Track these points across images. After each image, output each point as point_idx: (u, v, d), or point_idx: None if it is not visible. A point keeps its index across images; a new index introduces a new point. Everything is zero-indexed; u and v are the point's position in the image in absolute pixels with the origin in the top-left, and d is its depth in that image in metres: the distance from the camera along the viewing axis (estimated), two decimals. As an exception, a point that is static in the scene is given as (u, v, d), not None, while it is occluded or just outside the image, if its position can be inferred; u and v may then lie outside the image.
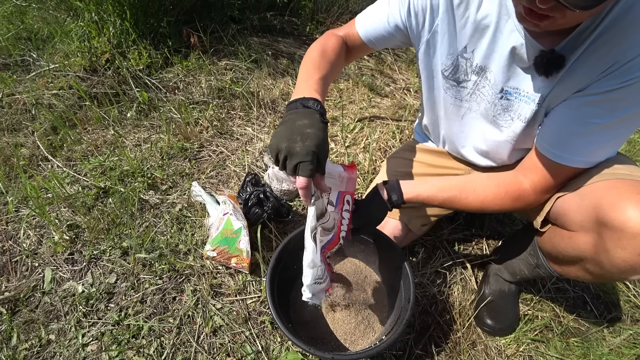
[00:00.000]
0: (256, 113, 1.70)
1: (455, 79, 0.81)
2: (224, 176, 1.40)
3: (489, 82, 0.77)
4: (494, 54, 0.73)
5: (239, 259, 1.03)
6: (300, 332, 0.88)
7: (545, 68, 0.66)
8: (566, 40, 0.63)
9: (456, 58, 0.78)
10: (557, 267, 0.82)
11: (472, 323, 1.01)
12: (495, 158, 0.91)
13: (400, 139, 1.62)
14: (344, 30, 0.88)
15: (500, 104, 0.78)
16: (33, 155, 1.41)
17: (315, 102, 0.64)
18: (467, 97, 0.83)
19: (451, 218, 1.26)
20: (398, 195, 0.79)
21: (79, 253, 1.11)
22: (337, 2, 2.56)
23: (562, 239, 0.74)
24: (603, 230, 0.62)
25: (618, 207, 0.60)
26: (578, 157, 0.68)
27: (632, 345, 0.98)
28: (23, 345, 0.91)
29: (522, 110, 0.75)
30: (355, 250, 1.01)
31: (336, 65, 0.80)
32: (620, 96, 0.60)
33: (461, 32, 0.74)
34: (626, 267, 0.61)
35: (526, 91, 0.73)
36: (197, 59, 1.91)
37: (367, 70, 2.11)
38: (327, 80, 0.74)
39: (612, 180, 0.66)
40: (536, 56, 0.66)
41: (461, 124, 0.89)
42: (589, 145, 0.67)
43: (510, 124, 0.79)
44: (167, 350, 0.91)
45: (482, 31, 0.72)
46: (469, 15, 0.71)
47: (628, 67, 0.58)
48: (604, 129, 0.64)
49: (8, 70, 1.82)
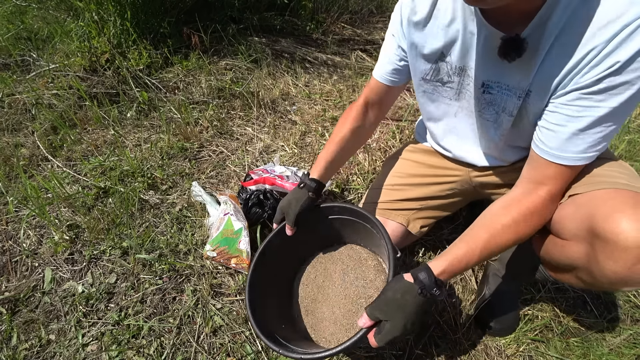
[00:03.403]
0: (256, 113, 1.70)
1: (439, 79, 0.83)
2: (224, 176, 1.40)
3: (471, 78, 0.78)
4: (468, 53, 0.75)
5: (239, 260, 1.03)
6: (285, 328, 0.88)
7: (504, 51, 0.66)
8: (529, 28, 0.63)
9: (435, 62, 0.81)
10: (552, 273, 0.82)
11: (472, 323, 1.01)
12: (491, 156, 0.91)
13: (400, 139, 1.62)
14: (363, 93, 0.98)
15: (484, 98, 0.79)
16: (33, 155, 1.41)
17: (304, 176, 0.92)
18: (455, 96, 0.84)
19: (451, 218, 1.26)
20: (426, 272, 0.69)
21: (79, 253, 1.11)
22: (337, 2, 2.56)
23: (556, 247, 0.74)
24: (595, 241, 0.62)
25: (611, 219, 0.59)
26: (584, 153, 0.67)
27: (632, 345, 0.98)
28: (23, 345, 0.91)
29: (506, 104, 0.76)
30: (349, 233, 0.99)
31: (350, 135, 0.96)
32: (610, 83, 0.59)
33: (434, 43, 0.78)
34: (616, 279, 0.60)
35: (506, 84, 0.73)
36: (197, 59, 1.92)
37: (367, 70, 2.11)
38: (331, 153, 0.94)
39: (609, 190, 0.65)
40: (500, 39, 0.67)
41: (455, 122, 0.90)
42: (592, 139, 0.66)
43: (496, 117, 0.80)
44: (167, 350, 0.91)
45: (453, 36, 0.74)
46: (438, 26, 0.75)
47: (607, 51, 0.57)
48: (603, 119, 0.63)
49: (8, 70, 1.82)
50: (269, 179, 1.16)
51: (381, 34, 2.52)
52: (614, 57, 0.57)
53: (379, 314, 0.69)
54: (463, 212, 1.29)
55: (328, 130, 1.66)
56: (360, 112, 0.97)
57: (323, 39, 2.39)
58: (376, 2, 2.77)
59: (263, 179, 1.17)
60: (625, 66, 0.57)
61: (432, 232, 1.21)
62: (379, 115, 1.01)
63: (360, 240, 1.00)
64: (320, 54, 2.21)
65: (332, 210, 0.94)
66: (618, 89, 0.59)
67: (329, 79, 2.05)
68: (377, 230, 0.84)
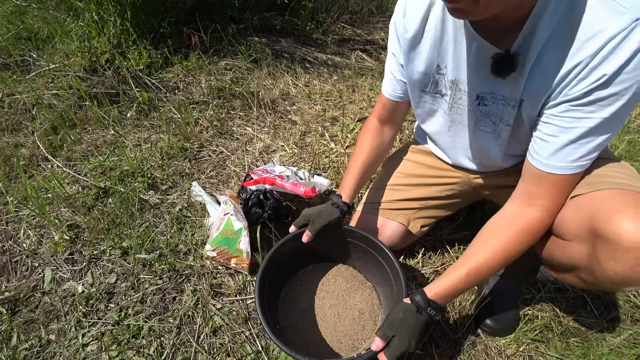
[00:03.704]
0: (256, 113, 1.70)
1: (438, 91, 0.84)
2: (224, 176, 1.40)
3: (464, 92, 0.78)
4: (460, 66, 0.75)
5: (238, 260, 1.03)
6: (289, 336, 0.89)
7: (498, 69, 0.67)
8: (518, 40, 0.63)
9: (432, 76, 0.81)
10: (553, 273, 0.82)
11: (472, 323, 1.01)
12: (489, 165, 0.92)
13: (400, 139, 1.62)
14: (375, 112, 1.00)
15: (480, 111, 0.79)
16: (33, 155, 1.41)
17: (337, 197, 0.94)
18: (447, 110, 0.85)
19: (451, 218, 1.26)
20: (421, 295, 0.75)
21: (79, 253, 1.11)
22: (337, 2, 2.56)
23: (557, 248, 0.74)
24: (597, 241, 0.62)
25: (613, 220, 0.59)
26: (577, 162, 0.68)
27: (632, 345, 0.98)
28: (23, 345, 0.91)
29: (502, 114, 0.76)
30: (353, 258, 1.01)
31: (371, 154, 0.98)
32: (598, 95, 0.60)
33: (429, 56, 0.79)
34: (618, 280, 0.61)
35: (501, 94, 0.73)
36: (197, 59, 1.92)
37: (367, 70, 2.11)
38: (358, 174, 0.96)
39: (611, 191, 0.65)
40: (491, 58, 0.67)
41: (450, 135, 0.91)
42: (585, 149, 0.66)
43: (494, 128, 0.80)
44: (167, 350, 0.91)
45: (446, 48, 0.75)
46: (430, 40, 0.76)
47: (593, 65, 0.58)
48: (595, 129, 0.63)
49: (8, 70, 1.82)
50: (269, 179, 1.16)
51: (381, 34, 2.52)
52: (600, 70, 0.57)
53: (389, 332, 0.75)
54: (463, 212, 1.29)
55: (328, 130, 1.66)
56: (377, 130, 1.00)
57: (323, 39, 2.39)
58: (376, 2, 2.77)
59: (263, 179, 1.17)
60: (612, 79, 0.57)
61: (432, 232, 1.21)
62: (395, 130, 1.03)
63: (363, 269, 1.02)
64: (320, 54, 2.21)
65: (352, 234, 0.96)
66: (607, 101, 0.60)
67: (329, 79, 2.05)
68: (393, 268, 0.87)
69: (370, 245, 0.93)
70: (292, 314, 0.93)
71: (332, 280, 1.00)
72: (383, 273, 0.93)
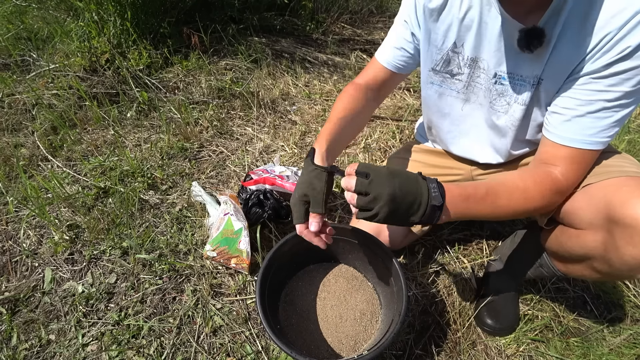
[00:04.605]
0: (256, 113, 1.70)
1: (448, 71, 0.82)
2: (224, 176, 1.40)
3: (483, 70, 0.78)
4: (482, 44, 0.75)
5: (238, 260, 1.03)
6: (289, 336, 0.88)
7: (527, 42, 0.67)
8: (545, 16, 0.64)
9: (446, 53, 0.80)
10: (561, 266, 0.81)
11: (472, 323, 1.01)
12: (499, 149, 0.91)
13: (400, 139, 1.62)
14: (363, 76, 0.92)
15: (495, 89, 0.79)
16: (33, 155, 1.41)
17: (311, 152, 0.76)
18: (463, 89, 0.84)
19: (451, 218, 1.26)
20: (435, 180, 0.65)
21: (79, 253, 1.11)
22: (337, 2, 2.56)
23: (570, 238, 0.74)
24: (613, 227, 0.62)
25: (630, 204, 0.60)
26: (596, 137, 0.67)
27: (632, 345, 0.98)
28: (23, 345, 0.91)
29: (519, 93, 0.76)
30: (353, 258, 1.01)
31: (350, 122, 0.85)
32: (620, 67, 0.60)
33: (448, 32, 0.77)
34: (636, 264, 0.61)
35: (519, 74, 0.73)
36: (197, 59, 1.92)
37: (367, 70, 2.11)
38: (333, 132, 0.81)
39: (622, 178, 0.66)
40: (519, 32, 0.67)
41: (462, 116, 0.89)
42: (603, 123, 0.66)
43: (508, 108, 0.79)
44: (167, 350, 0.91)
45: (468, 25, 0.74)
46: (453, 15, 0.75)
47: (619, 37, 0.58)
48: (614, 103, 0.64)
49: (8, 70, 1.82)
50: (269, 179, 1.16)
51: (381, 34, 2.52)
52: (625, 42, 0.58)
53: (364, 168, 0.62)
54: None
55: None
56: (362, 95, 0.89)
57: (323, 39, 2.39)
58: (376, 2, 2.77)
59: (263, 179, 1.17)
60: (636, 51, 0.58)
61: (432, 232, 1.21)
62: (377, 102, 0.96)
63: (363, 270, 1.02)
64: (320, 54, 2.21)
65: (352, 233, 0.94)
66: (628, 74, 0.60)
67: (329, 79, 2.05)
68: (393, 268, 0.86)
69: (371, 245, 0.93)
70: (293, 314, 0.93)
71: (333, 281, 1.00)
72: (383, 273, 0.93)
